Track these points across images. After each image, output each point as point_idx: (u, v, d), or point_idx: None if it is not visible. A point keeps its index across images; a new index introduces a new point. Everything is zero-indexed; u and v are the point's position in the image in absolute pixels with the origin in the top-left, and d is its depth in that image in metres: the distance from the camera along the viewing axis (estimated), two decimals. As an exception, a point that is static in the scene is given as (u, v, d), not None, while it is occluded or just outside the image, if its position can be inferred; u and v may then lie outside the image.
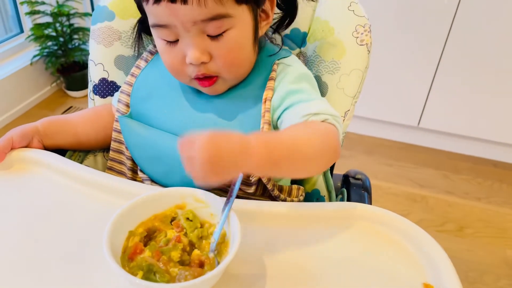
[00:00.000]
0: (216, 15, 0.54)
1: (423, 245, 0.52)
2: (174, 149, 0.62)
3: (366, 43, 0.68)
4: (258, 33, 0.62)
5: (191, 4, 0.52)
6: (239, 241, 0.45)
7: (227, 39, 0.57)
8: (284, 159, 0.48)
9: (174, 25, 0.55)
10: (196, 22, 0.54)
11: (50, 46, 2.14)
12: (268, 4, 0.62)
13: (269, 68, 0.64)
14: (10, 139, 0.64)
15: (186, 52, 0.57)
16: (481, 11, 1.57)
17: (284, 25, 0.68)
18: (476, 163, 1.91)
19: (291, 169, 0.51)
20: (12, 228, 0.55)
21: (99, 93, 0.77)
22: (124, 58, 0.76)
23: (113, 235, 0.47)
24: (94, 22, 0.75)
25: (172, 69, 0.61)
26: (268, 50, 0.66)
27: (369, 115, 1.95)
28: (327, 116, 0.57)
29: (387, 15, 1.69)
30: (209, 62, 0.58)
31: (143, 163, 0.66)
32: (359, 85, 0.69)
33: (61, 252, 0.52)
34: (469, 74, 1.72)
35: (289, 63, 0.65)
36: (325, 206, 0.58)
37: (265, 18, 0.63)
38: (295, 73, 0.64)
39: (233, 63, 0.59)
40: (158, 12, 0.54)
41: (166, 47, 0.59)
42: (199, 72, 0.59)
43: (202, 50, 0.57)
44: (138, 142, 0.66)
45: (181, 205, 0.53)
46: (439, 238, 1.59)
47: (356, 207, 0.57)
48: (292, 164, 0.50)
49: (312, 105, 0.58)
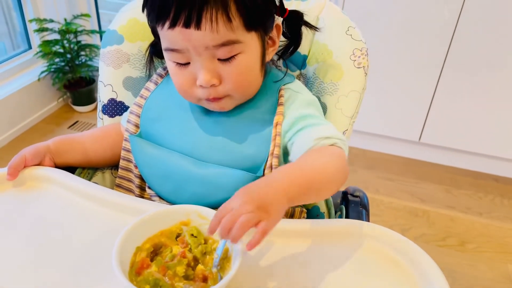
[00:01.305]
0: (227, 41, 0.57)
1: (417, 259, 0.54)
2: (183, 167, 0.65)
3: (363, 65, 0.71)
4: (266, 58, 0.65)
5: (204, 30, 0.55)
6: (241, 257, 0.48)
7: (237, 63, 0.60)
8: (306, 192, 0.53)
9: (186, 49, 0.58)
10: (208, 47, 0.57)
11: (58, 63, 2.19)
12: (275, 31, 0.66)
13: (275, 93, 0.68)
14: (23, 157, 0.67)
15: (197, 74, 0.60)
16: (481, 26, 1.60)
17: (289, 52, 0.71)
18: (477, 177, 1.92)
19: (310, 199, 0.57)
20: (24, 243, 0.57)
21: (108, 113, 0.80)
22: (132, 79, 0.79)
23: (122, 251, 0.49)
24: (104, 45, 0.78)
25: (182, 91, 0.64)
26: (274, 76, 0.70)
27: (370, 130, 1.98)
28: (336, 140, 0.61)
29: (388, 31, 1.72)
30: (219, 85, 0.61)
31: (152, 180, 0.69)
32: (356, 105, 0.71)
33: (69, 266, 0.54)
34: (469, 89, 1.74)
35: (296, 90, 0.69)
36: (325, 223, 0.60)
37: (272, 44, 0.66)
38: (304, 100, 0.67)
39: (241, 85, 0.62)
40: (172, 37, 0.57)
41: (177, 69, 0.62)
42: (209, 96, 0.62)
43: (212, 73, 0.59)
44: (148, 161, 0.68)
45: (186, 222, 0.55)
46: (440, 253, 1.59)
47: (353, 224, 0.59)
48: (310, 195, 0.55)
49: (322, 130, 0.62)
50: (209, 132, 0.67)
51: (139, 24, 0.77)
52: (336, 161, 0.58)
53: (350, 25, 0.73)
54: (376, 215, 1.68)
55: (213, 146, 0.66)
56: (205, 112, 0.68)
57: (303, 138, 0.62)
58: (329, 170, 0.56)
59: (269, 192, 0.48)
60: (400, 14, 1.68)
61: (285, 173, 0.52)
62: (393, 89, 1.84)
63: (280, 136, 0.64)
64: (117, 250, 0.48)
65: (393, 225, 1.63)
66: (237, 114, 0.67)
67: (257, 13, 0.59)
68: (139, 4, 0.78)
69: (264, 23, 0.61)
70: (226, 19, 0.55)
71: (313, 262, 0.55)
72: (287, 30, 0.69)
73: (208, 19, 0.55)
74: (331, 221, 0.60)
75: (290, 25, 0.69)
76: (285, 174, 0.52)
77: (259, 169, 0.64)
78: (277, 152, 0.64)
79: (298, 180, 0.52)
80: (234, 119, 0.67)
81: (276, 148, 0.64)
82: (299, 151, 0.62)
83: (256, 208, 0.45)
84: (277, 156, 0.64)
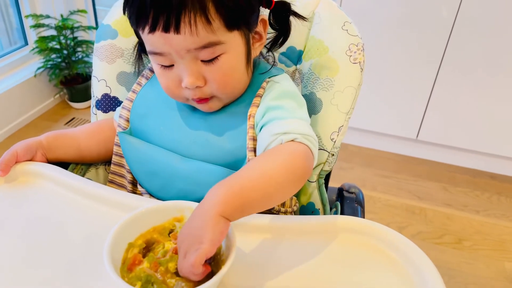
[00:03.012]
0: (208, 43, 0.56)
1: (411, 256, 0.54)
2: (170, 164, 0.65)
3: (359, 61, 0.70)
4: (251, 54, 0.64)
5: (184, 34, 0.54)
6: (235, 253, 0.47)
7: (221, 64, 0.59)
8: (244, 211, 0.50)
9: (168, 53, 0.57)
10: (189, 50, 0.56)
11: (54, 59, 2.18)
12: (260, 26, 0.64)
13: (258, 86, 0.67)
14: (15, 152, 0.66)
15: (181, 77, 0.60)
16: (479, 24, 1.60)
17: (278, 44, 0.70)
18: (474, 175, 1.92)
19: (258, 210, 0.52)
20: (15, 239, 0.56)
21: (101, 108, 0.79)
22: (126, 74, 0.78)
23: (113, 247, 0.48)
24: (98, 40, 0.78)
25: (168, 91, 0.64)
26: (261, 69, 0.68)
27: (368, 128, 1.97)
28: (296, 136, 0.58)
29: (385, 28, 1.72)
30: (204, 86, 0.60)
31: (141, 177, 0.68)
32: (352, 101, 0.71)
33: (62, 263, 0.53)
34: (466, 87, 1.74)
35: (278, 81, 0.67)
36: (319, 219, 0.60)
37: (258, 39, 0.65)
38: (280, 90, 0.65)
39: (227, 85, 0.61)
40: (153, 41, 0.57)
41: (162, 71, 0.61)
42: (194, 96, 0.61)
43: (197, 75, 0.59)
44: (137, 157, 0.68)
45: (179, 218, 0.55)
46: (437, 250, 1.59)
47: (348, 220, 0.59)
48: (255, 208, 0.52)
49: (285, 124, 0.59)
50: (193, 127, 0.66)
51: (133, 18, 0.76)
52: (291, 162, 0.54)
53: (346, 20, 0.72)
54: (373, 212, 1.68)
55: (196, 142, 0.65)
56: (191, 109, 0.68)
57: (264, 133, 0.61)
58: (279, 177, 0.52)
59: (200, 226, 0.46)
60: (398, 11, 1.67)
61: (221, 193, 0.49)
62: (390, 87, 1.84)
63: (253, 129, 0.63)
64: (108, 246, 0.48)
65: (390, 222, 1.63)
66: (223, 109, 0.66)
67: (238, 11, 0.57)
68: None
69: (246, 21, 0.60)
70: (205, 21, 0.54)
71: (307, 258, 0.55)
72: (274, 21, 0.67)
73: (187, 22, 0.53)
74: (325, 217, 0.59)
75: (278, 17, 0.67)
76: (221, 193, 0.48)
77: (242, 163, 0.63)
78: (252, 146, 0.63)
79: (235, 198, 0.48)
80: (217, 114, 0.66)
81: (250, 142, 0.63)
82: (260, 147, 0.61)
83: (189, 241, 0.45)
84: (253, 149, 0.63)
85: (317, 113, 0.72)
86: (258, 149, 0.61)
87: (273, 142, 0.58)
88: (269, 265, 0.54)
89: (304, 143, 0.58)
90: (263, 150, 0.59)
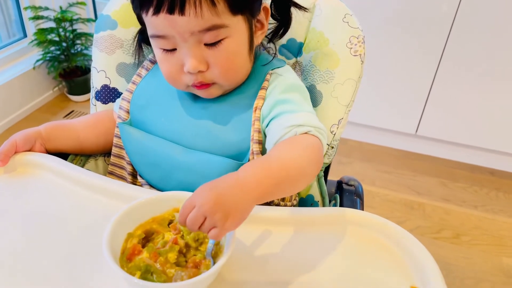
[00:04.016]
0: (212, 26, 0.56)
1: (410, 249, 0.54)
2: (171, 155, 0.65)
3: (359, 53, 0.70)
4: (254, 41, 0.64)
5: (189, 15, 0.54)
6: (233, 244, 0.47)
7: (224, 48, 0.59)
8: (275, 190, 0.50)
9: (172, 36, 0.57)
10: (193, 33, 0.56)
11: (53, 51, 2.17)
12: (262, 14, 0.64)
13: (262, 78, 0.66)
14: (14, 143, 0.66)
15: (184, 61, 0.59)
16: (479, 19, 1.59)
17: (279, 35, 0.70)
18: (473, 171, 1.92)
19: (279, 196, 0.54)
20: (14, 230, 0.56)
21: (101, 99, 0.79)
22: (126, 65, 0.78)
23: (113, 237, 0.49)
24: (97, 30, 0.77)
25: (169, 78, 0.63)
26: (262, 60, 0.68)
27: (367, 122, 1.97)
28: (310, 128, 0.58)
29: (385, 23, 1.71)
30: (206, 71, 0.60)
31: (141, 168, 0.68)
32: (352, 94, 0.71)
33: (62, 252, 0.53)
34: (466, 82, 1.74)
35: (281, 73, 0.67)
36: (318, 211, 0.60)
37: (260, 27, 0.65)
38: (286, 83, 0.65)
39: (229, 70, 0.61)
40: (157, 23, 0.57)
41: (164, 56, 0.61)
42: (196, 80, 0.61)
43: (199, 59, 0.59)
44: (137, 148, 0.68)
45: (178, 208, 0.54)
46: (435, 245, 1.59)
47: (347, 212, 0.59)
48: (279, 193, 0.53)
49: (297, 117, 0.60)
50: (195, 118, 0.66)
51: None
52: (308, 153, 0.56)
53: (347, 12, 0.72)
54: (372, 207, 1.69)
55: (199, 133, 0.65)
56: (193, 99, 0.68)
57: (276, 126, 0.61)
58: (301, 165, 0.54)
59: (235, 194, 0.46)
60: (398, 5, 1.67)
61: (253, 172, 0.49)
62: (390, 82, 1.84)
63: (259, 121, 0.63)
64: (107, 237, 0.48)
65: (389, 217, 1.61)
66: (223, 100, 0.66)
67: None
68: (133, -11, 0.77)
69: (250, 6, 0.60)
70: (210, 3, 0.54)
71: (306, 250, 0.55)
72: (276, 12, 0.68)
73: (192, 4, 0.54)
74: (324, 209, 0.59)
75: (279, 7, 0.67)
76: (253, 173, 0.49)
77: (245, 155, 0.63)
78: (257, 138, 0.63)
79: (266, 180, 0.49)
80: (219, 104, 0.66)
81: (256, 134, 0.63)
82: (271, 139, 0.61)
83: (217, 208, 0.44)
84: (258, 141, 0.63)
85: (317, 106, 0.72)
86: (269, 142, 0.61)
87: (286, 134, 0.59)
88: (268, 256, 0.54)
89: (317, 136, 0.59)
90: (276, 142, 0.60)
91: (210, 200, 0.44)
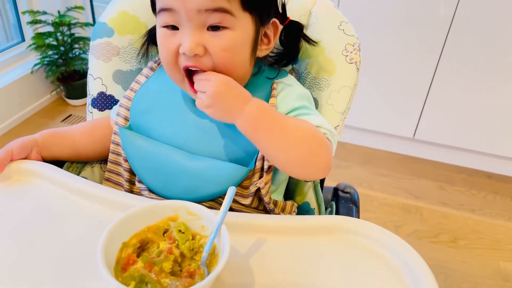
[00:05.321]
0: (220, 8, 0.57)
1: (406, 257, 0.54)
2: (174, 160, 0.65)
3: (355, 61, 0.70)
4: (257, 49, 0.64)
5: None
6: (228, 252, 0.47)
7: (225, 37, 0.59)
8: (266, 130, 0.57)
9: (178, 11, 0.57)
10: (200, 11, 0.57)
11: (51, 55, 2.17)
12: (271, 28, 0.65)
13: (268, 87, 0.67)
14: (10, 150, 0.66)
15: (182, 42, 0.59)
16: (477, 23, 1.60)
17: (282, 64, 0.71)
18: (470, 174, 1.93)
19: (268, 141, 0.58)
20: (9, 238, 0.56)
21: (97, 106, 0.79)
22: (122, 72, 0.78)
23: (107, 246, 0.48)
24: (94, 38, 0.77)
25: (166, 58, 0.62)
26: (268, 73, 0.69)
27: (365, 126, 1.98)
28: (326, 131, 0.61)
29: (383, 27, 1.72)
30: (202, 56, 0.59)
31: (142, 174, 0.68)
32: (348, 101, 0.71)
33: (56, 261, 0.53)
34: (464, 86, 1.74)
35: (289, 83, 0.68)
36: (314, 219, 0.60)
37: (266, 43, 0.66)
38: (297, 92, 0.67)
39: (225, 63, 0.60)
40: None
41: (165, 34, 0.61)
42: (190, 63, 0.60)
43: (197, 42, 0.58)
44: (138, 154, 0.67)
45: (174, 217, 0.55)
46: (433, 249, 1.59)
47: (343, 220, 0.59)
48: (270, 137, 0.58)
49: (313, 119, 0.62)
50: (199, 124, 0.66)
51: (129, 16, 0.76)
52: (315, 140, 0.59)
53: (343, 20, 0.72)
54: (369, 211, 1.69)
55: (203, 139, 0.65)
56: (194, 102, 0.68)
57: None
58: (301, 134, 0.58)
59: (237, 97, 0.58)
60: (396, 10, 1.67)
61: (263, 106, 0.58)
62: (388, 86, 1.84)
63: None
64: (102, 246, 0.48)
65: (386, 221, 1.64)
66: None
67: None
68: (129, -3, 0.77)
69: (261, 10, 0.61)
70: None
71: (302, 258, 0.55)
72: (285, 38, 0.70)
73: None
74: (320, 217, 0.60)
75: (289, 35, 0.69)
76: (263, 106, 0.58)
77: (251, 161, 0.64)
78: None
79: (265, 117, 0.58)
80: None
81: None
82: None
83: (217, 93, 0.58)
84: None
85: (313, 113, 0.72)
86: None
87: None
88: (263, 264, 0.54)
89: (330, 141, 0.61)
90: None
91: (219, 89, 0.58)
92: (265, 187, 0.63)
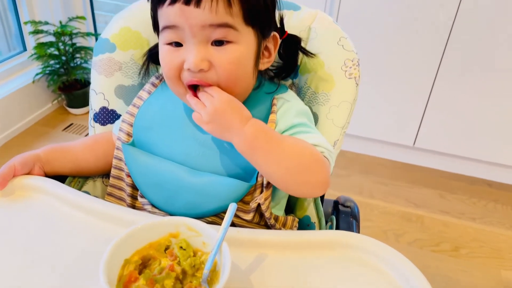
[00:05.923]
0: (224, 23, 0.58)
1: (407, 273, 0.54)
2: (176, 176, 0.65)
3: (354, 76, 0.71)
4: (259, 61, 0.65)
5: (203, 8, 0.56)
6: (229, 271, 0.48)
7: (229, 51, 0.60)
8: (262, 150, 0.58)
9: (182, 28, 0.58)
10: (204, 26, 0.57)
11: (53, 65, 2.18)
12: (272, 42, 0.66)
13: (269, 102, 0.68)
14: (13, 166, 0.67)
15: (187, 57, 0.60)
16: (477, 29, 1.61)
17: (281, 76, 0.72)
18: (471, 183, 1.93)
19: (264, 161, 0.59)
20: (12, 253, 0.57)
21: (99, 121, 0.80)
22: (124, 87, 0.79)
23: (110, 264, 0.49)
24: (96, 53, 0.78)
25: (169, 75, 0.63)
26: (268, 88, 0.70)
27: (365, 135, 1.98)
28: (323, 150, 0.62)
29: (382, 35, 1.73)
30: (207, 71, 0.60)
31: (145, 189, 0.68)
32: (347, 116, 0.72)
33: (58, 277, 0.54)
34: (464, 94, 1.75)
35: (288, 99, 0.69)
36: (314, 234, 0.60)
37: (267, 55, 0.67)
38: (296, 109, 0.68)
39: (230, 76, 0.61)
40: (170, 13, 0.58)
41: (169, 51, 0.61)
42: (195, 78, 0.60)
43: (202, 57, 0.59)
44: (141, 169, 0.68)
45: (175, 234, 0.55)
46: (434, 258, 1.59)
47: (343, 235, 0.59)
48: (267, 157, 0.59)
49: (311, 137, 0.63)
50: (201, 139, 0.67)
51: (132, 32, 0.77)
52: (312, 157, 0.59)
53: (342, 36, 0.73)
54: (370, 220, 1.69)
55: (205, 154, 0.66)
56: None
57: None
58: (298, 154, 0.59)
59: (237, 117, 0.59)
60: (395, 18, 1.68)
61: (261, 125, 0.59)
62: (387, 94, 1.85)
63: None
64: (105, 263, 0.48)
65: (386, 230, 1.64)
66: None
67: (257, 10, 0.60)
68: (131, 13, 0.78)
69: (262, 24, 0.62)
70: (227, 2, 0.57)
71: (303, 273, 0.55)
72: (284, 52, 0.71)
73: None
74: (320, 232, 0.60)
75: (288, 48, 0.70)
76: (260, 126, 0.59)
77: (253, 176, 0.64)
78: None
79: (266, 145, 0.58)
80: None
81: None
82: None
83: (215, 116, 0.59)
84: None
85: (313, 127, 0.73)
86: None
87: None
88: (264, 280, 0.54)
89: (328, 159, 0.62)
90: None
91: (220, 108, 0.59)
92: (265, 203, 0.64)
